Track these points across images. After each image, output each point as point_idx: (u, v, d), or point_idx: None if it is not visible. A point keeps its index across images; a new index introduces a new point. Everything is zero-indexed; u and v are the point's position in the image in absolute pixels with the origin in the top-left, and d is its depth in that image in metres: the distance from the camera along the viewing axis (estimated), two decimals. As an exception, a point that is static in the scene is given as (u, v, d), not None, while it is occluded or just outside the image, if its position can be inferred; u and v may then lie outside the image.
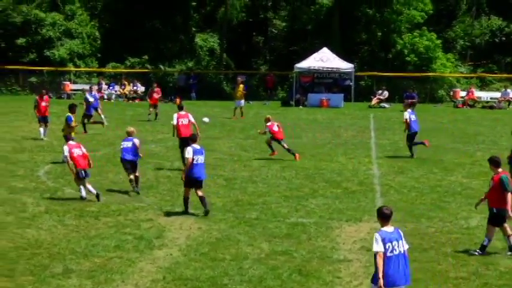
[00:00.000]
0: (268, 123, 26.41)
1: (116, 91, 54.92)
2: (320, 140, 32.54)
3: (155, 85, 41.58)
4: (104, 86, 54.73)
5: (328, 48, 52.45)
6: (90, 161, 19.57)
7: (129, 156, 20.24)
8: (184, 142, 21.27)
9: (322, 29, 59.45)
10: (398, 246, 10.18)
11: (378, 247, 10.08)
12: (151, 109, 39.55)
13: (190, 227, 16.81)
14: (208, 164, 24.82)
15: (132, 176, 20.15)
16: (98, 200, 19.01)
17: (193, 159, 17.51)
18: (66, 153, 19.16)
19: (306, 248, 15.25)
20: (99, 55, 60.04)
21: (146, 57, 58.48)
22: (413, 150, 27.23)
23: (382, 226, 10.38)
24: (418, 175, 23.83)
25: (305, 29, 62.00)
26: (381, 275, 10.02)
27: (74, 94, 55.36)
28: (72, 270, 13.54)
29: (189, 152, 17.57)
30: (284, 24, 65.55)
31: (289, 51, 62.21)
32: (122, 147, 20.51)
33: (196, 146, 17.85)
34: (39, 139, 30.22)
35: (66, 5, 60.28)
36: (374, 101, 50.91)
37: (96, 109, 35.30)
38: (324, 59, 51.65)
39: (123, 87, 55.00)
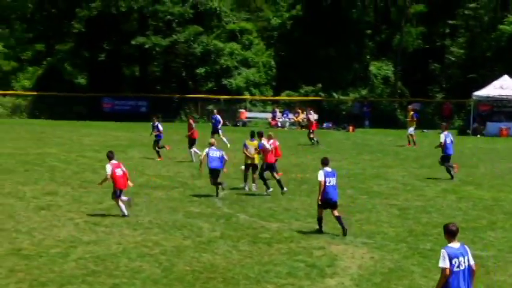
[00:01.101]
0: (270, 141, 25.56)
1: (289, 119, 55.48)
2: (499, 170, 31.20)
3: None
4: (278, 114, 55.44)
5: (509, 76, 50.44)
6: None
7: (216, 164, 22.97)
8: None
9: (503, 55, 57.24)
10: (464, 262, 10.44)
11: (444, 263, 10.38)
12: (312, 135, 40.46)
13: (363, 256, 16.40)
14: (381, 193, 24.80)
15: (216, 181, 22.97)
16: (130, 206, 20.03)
17: (325, 181, 17.88)
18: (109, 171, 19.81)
19: (483, 281, 14.57)
20: (274, 83, 61.05)
21: (320, 85, 58.73)
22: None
23: (449, 242, 10.64)
24: None
25: (484, 55, 60.00)
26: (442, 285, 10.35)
27: (249, 121, 56.60)
28: (245, 295, 13.52)
29: (320, 175, 17.99)
30: (462, 51, 63.77)
31: (466, 78, 60.30)
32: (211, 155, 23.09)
33: (328, 168, 18.23)
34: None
35: (243, 35, 61.99)
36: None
37: (217, 131, 37.11)
38: (504, 87, 49.73)
39: (296, 115, 55.45)
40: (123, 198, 20.29)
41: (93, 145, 37.88)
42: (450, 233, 10.69)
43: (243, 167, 25.01)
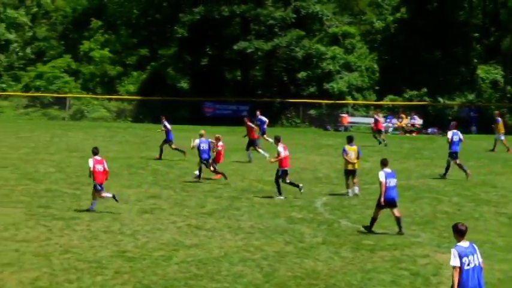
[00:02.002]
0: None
1: (393, 124, 54.59)
2: None
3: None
4: (381, 119, 54.54)
5: None
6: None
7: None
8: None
9: None
10: (473, 260, 10.85)
11: (455, 262, 10.79)
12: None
13: (470, 265, 15.84)
14: (489, 201, 23.96)
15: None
16: (116, 200, 20.88)
17: (386, 182, 18.44)
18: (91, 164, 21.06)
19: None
20: (377, 88, 60.28)
21: (425, 89, 57.54)
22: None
23: (458, 242, 11.05)
24: None
25: None
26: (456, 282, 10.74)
27: (351, 126, 56.00)
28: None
29: (382, 176, 18.55)
30: None
31: None
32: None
33: (387, 169, 18.77)
34: (313, 170, 30.76)
35: (346, 39, 61.51)
36: None
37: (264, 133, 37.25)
38: None
39: (400, 120, 54.52)
40: (106, 194, 20.97)
41: (195, 149, 38.09)
42: (459, 233, 11.10)
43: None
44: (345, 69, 59.59)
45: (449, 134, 29.29)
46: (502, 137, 39.03)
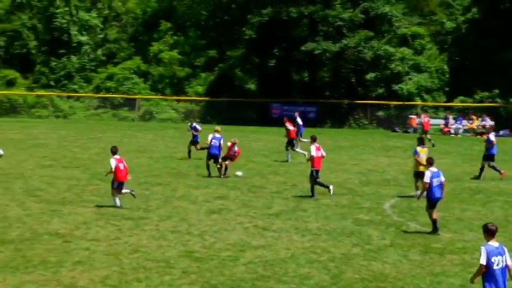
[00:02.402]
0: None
1: (463, 126, 53.63)
2: None
3: None
4: (451, 121, 53.77)
5: None
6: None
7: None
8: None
9: None
10: (502, 261, 10.95)
11: (483, 260, 10.93)
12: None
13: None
14: None
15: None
16: (133, 196, 21.50)
17: (432, 182, 18.61)
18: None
19: None
20: (446, 89, 59.37)
21: (497, 91, 56.35)
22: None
23: (488, 241, 11.15)
24: None
25: None
26: (476, 279, 11.11)
27: (420, 128, 54.80)
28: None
29: (427, 177, 18.71)
30: None
31: None
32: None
33: (433, 168, 18.90)
34: (381, 172, 30.53)
35: (415, 40, 60.75)
36: None
37: (301, 134, 37.23)
38: None
39: (471, 121, 53.51)
40: (124, 190, 21.32)
41: (262, 150, 38.22)
42: (489, 232, 11.23)
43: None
44: (414, 70, 58.89)
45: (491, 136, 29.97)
46: None
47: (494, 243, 11.13)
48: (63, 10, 65.15)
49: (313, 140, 24.12)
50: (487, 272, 10.97)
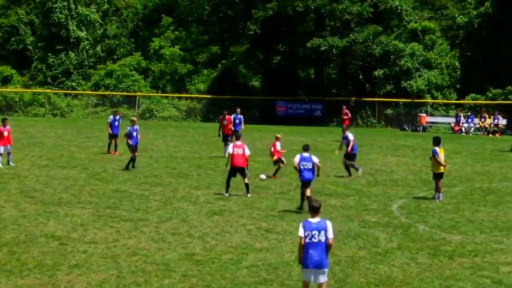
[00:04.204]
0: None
1: (475, 124, 52.64)
2: None
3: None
4: (462, 119, 52.50)
5: None
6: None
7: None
8: (235, 171, 23.29)
9: None
10: (319, 236, 11.83)
11: (300, 233, 11.92)
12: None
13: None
14: None
15: None
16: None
17: (300, 165, 20.25)
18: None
19: None
20: (458, 86, 58.44)
21: (510, 88, 55.24)
22: None
23: (312, 217, 12.00)
24: None
25: None
26: (300, 255, 11.98)
27: (430, 127, 54.69)
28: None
29: (296, 159, 19.99)
30: None
31: None
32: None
33: (305, 154, 20.30)
34: (389, 172, 29.90)
35: (426, 35, 59.74)
36: None
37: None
38: None
39: (483, 120, 52.32)
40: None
41: (266, 149, 37.24)
42: (312, 209, 12.14)
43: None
44: (424, 66, 58.06)
45: None
46: None
47: (314, 220, 11.98)
48: (61, 5, 63.81)
49: (237, 138, 24.45)
50: (304, 245, 11.87)
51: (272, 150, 27.79)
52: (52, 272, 14.52)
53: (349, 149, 27.99)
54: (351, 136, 28.23)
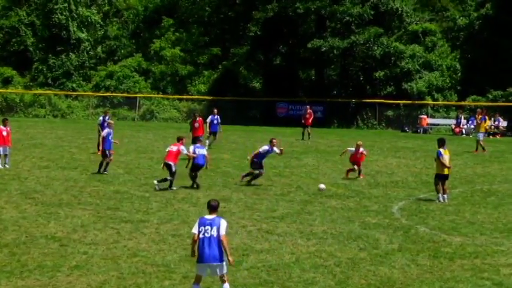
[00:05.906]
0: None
1: (475, 125, 52.10)
2: None
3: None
4: (463, 121, 52.47)
5: None
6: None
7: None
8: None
9: None
10: (211, 231, 12.45)
11: (193, 229, 12.72)
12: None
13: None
14: None
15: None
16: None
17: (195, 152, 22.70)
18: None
19: None
20: (458, 88, 58.48)
21: (511, 89, 55.29)
22: None
23: (210, 214, 12.74)
24: None
25: None
26: (194, 248, 12.67)
27: (431, 128, 54.64)
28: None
29: (191, 148, 21.85)
30: None
31: None
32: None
33: (198, 144, 23.12)
34: (390, 174, 29.87)
35: (426, 37, 59.85)
36: None
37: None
38: None
39: (479, 120, 51.97)
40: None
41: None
42: (209, 207, 12.84)
43: None
44: (425, 68, 58.12)
45: None
46: (480, 136, 39.17)
47: (209, 216, 12.71)
48: (62, 6, 63.74)
49: (179, 139, 25.67)
50: (198, 240, 12.52)
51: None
52: (52, 273, 14.52)
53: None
54: None
